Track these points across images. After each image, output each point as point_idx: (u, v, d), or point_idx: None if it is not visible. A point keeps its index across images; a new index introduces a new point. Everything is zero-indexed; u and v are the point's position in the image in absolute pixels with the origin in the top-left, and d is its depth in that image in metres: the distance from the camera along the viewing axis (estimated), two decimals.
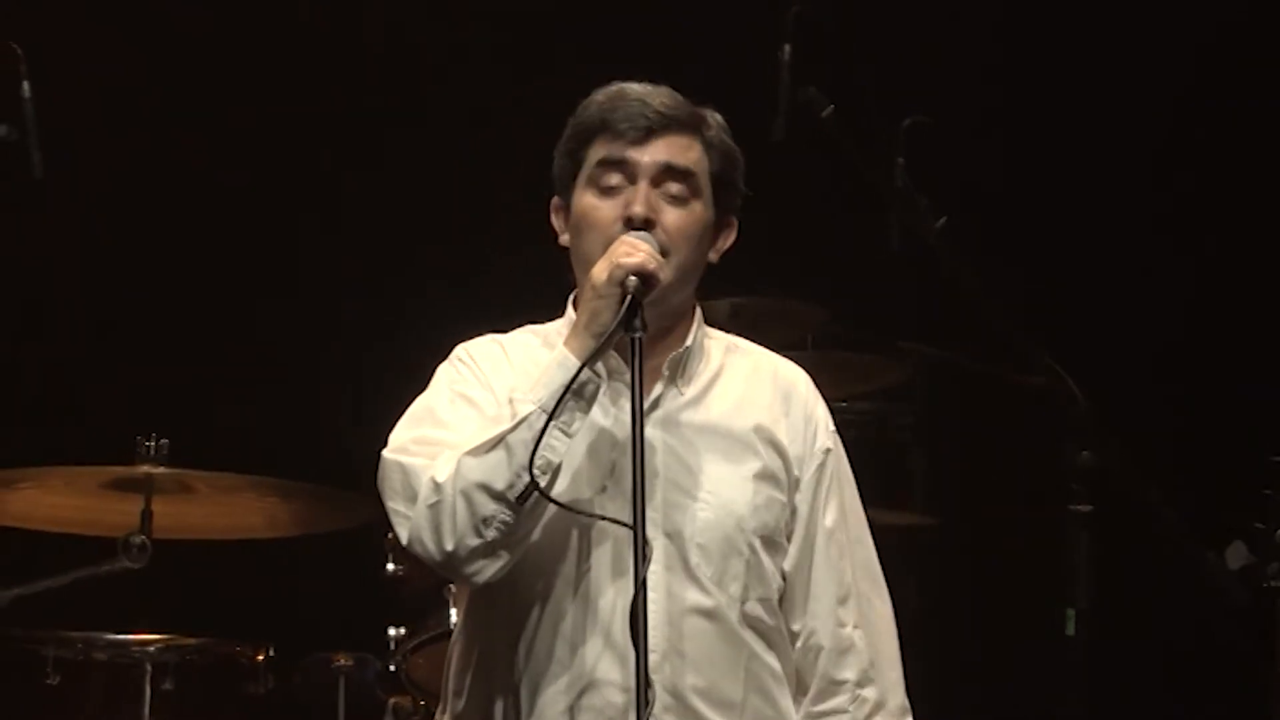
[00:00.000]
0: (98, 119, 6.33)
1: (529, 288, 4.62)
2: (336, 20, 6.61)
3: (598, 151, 3.60)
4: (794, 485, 3.65)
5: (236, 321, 6.52)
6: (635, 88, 3.63)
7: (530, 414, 3.42)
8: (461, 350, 3.70)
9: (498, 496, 3.42)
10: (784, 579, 3.64)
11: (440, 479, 3.44)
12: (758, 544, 3.58)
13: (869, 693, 3.66)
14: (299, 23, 6.57)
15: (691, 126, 3.62)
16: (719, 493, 3.57)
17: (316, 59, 6.59)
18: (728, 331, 3.81)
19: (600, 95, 3.64)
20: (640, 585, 3.28)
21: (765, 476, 3.61)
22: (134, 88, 6.41)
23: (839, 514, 3.69)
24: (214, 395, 6.42)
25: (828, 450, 3.70)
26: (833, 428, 3.73)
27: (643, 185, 3.57)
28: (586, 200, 3.60)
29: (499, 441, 3.43)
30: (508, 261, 6.15)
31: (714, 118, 3.68)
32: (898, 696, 3.71)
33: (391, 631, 5.33)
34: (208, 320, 6.50)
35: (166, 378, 6.38)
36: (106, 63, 6.36)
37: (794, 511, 3.65)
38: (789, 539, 3.65)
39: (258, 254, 6.55)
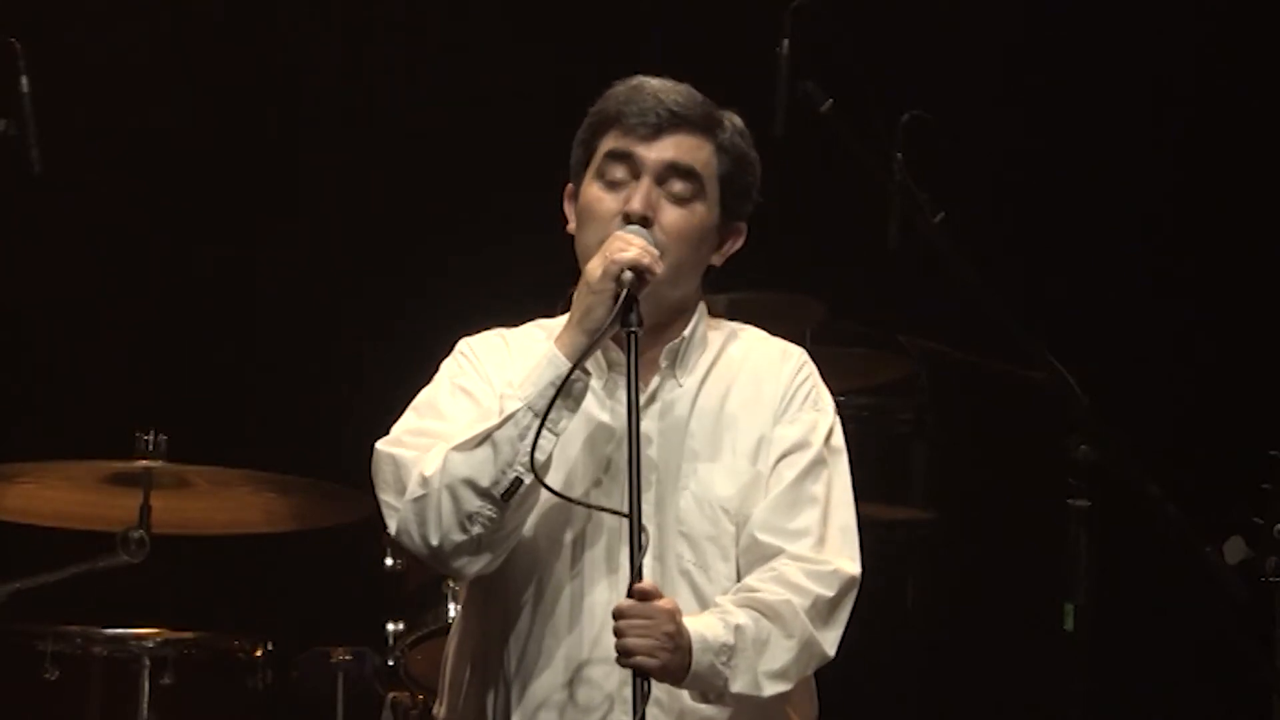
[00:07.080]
0: (97, 113, 6.31)
1: (531, 281, 4.64)
2: (335, 17, 6.61)
3: (608, 144, 3.61)
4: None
5: (235, 316, 6.52)
6: (653, 83, 3.63)
7: (517, 411, 3.44)
8: (463, 344, 3.71)
9: (483, 493, 3.43)
10: None
11: (428, 473, 3.45)
12: (743, 525, 3.56)
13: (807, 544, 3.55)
14: (299, 16, 6.57)
15: (704, 127, 3.62)
16: (704, 479, 3.57)
17: (315, 56, 6.58)
18: None
19: (619, 87, 3.65)
20: (636, 574, 3.31)
21: (752, 457, 3.60)
22: (135, 83, 6.40)
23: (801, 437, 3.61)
24: (213, 390, 6.41)
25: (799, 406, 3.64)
26: (822, 404, 3.67)
27: (645, 182, 3.57)
28: (592, 191, 3.61)
29: (485, 438, 3.44)
30: (508, 255, 6.14)
31: (732, 121, 3.66)
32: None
33: (390, 627, 5.33)
34: (207, 315, 6.49)
35: (165, 373, 6.38)
36: (105, 57, 6.36)
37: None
38: None
39: (257, 249, 6.55)
